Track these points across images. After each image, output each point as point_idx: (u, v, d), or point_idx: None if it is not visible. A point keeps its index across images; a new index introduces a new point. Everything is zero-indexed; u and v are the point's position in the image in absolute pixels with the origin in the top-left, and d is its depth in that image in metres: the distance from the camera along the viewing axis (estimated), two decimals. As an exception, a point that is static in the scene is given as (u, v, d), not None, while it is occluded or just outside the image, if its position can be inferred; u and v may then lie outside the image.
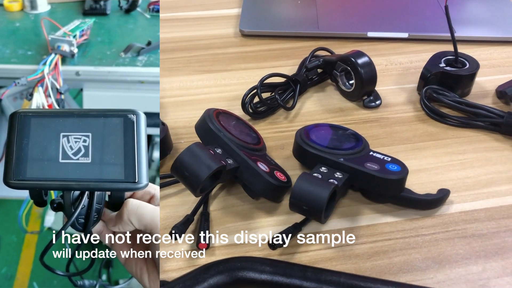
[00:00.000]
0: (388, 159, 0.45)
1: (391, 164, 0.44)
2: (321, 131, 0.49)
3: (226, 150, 0.44)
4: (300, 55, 0.65)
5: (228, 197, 0.47)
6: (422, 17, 0.73)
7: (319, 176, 0.43)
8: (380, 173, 0.43)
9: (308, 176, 0.42)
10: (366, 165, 0.43)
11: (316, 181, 0.41)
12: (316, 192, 0.40)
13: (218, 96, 0.60)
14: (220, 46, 0.69)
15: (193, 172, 0.40)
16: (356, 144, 0.47)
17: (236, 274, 0.37)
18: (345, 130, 0.50)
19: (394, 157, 0.45)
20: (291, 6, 0.76)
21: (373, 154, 0.46)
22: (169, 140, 0.50)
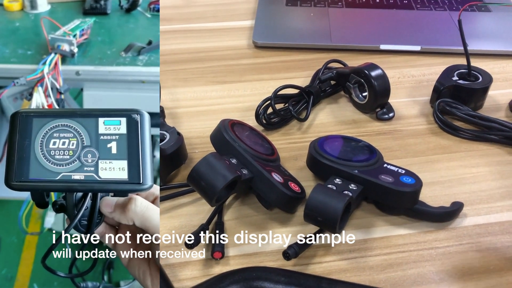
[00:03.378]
0: (402, 171, 0.45)
1: (405, 177, 0.44)
2: (335, 142, 0.49)
3: (241, 161, 0.45)
4: (313, 67, 0.65)
5: (242, 207, 0.47)
6: (434, 30, 0.73)
7: (333, 188, 0.43)
8: (395, 185, 0.43)
9: (323, 188, 0.42)
10: (381, 177, 0.44)
11: (331, 193, 0.42)
12: (331, 203, 0.40)
13: (232, 107, 0.61)
14: (233, 57, 0.70)
15: (210, 182, 0.40)
16: (370, 156, 0.47)
17: (251, 284, 0.37)
18: (359, 142, 0.50)
19: (408, 170, 0.45)
20: (304, 18, 0.77)
21: (387, 167, 0.46)
22: (184, 149, 0.51)
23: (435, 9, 0.79)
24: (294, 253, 0.41)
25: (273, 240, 0.44)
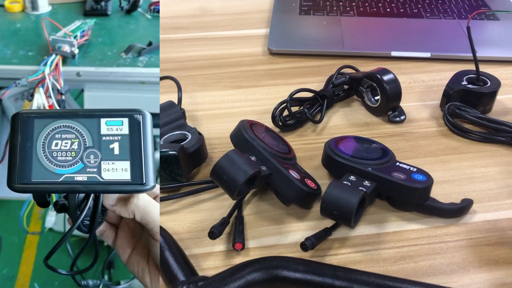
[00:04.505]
0: (414, 169, 0.47)
1: (417, 174, 0.46)
2: (349, 142, 0.52)
3: (259, 158, 0.47)
4: (326, 72, 0.68)
5: (260, 203, 0.50)
6: (443, 38, 0.76)
7: (348, 184, 0.45)
8: (407, 182, 0.45)
9: (338, 183, 0.44)
10: (393, 175, 0.46)
11: (346, 188, 0.44)
12: (346, 197, 0.43)
13: (249, 110, 0.63)
14: (249, 63, 0.73)
15: (232, 176, 0.43)
16: (383, 155, 0.49)
17: (272, 272, 0.39)
18: (372, 142, 0.52)
19: (419, 168, 0.47)
20: (317, 26, 0.80)
21: (399, 165, 0.48)
22: (205, 149, 0.53)
23: (444, 18, 0.81)
24: (311, 245, 0.43)
25: (290, 234, 0.46)
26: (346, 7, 0.85)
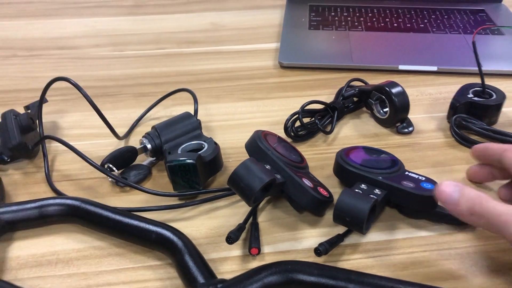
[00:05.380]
0: (423, 178, 0.49)
1: (425, 183, 0.48)
2: (359, 152, 0.54)
3: (274, 167, 0.49)
4: (335, 85, 0.70)
5: (274, 210, 0.52)
6: (450, 52, 0.78)
7: (360, 192, 0.47)
8: (416, 190, 0.47)
9: (350, 191, 0.46)
10: (403, 183, 0.48)
11: (358, 195, 0.46)
12: (358, 205, 0.44)
13: (261, 121, 0.65)
14: (261, 76, 0.75)
15: (248, 184, 0.45)
16: (392, 165, 0.51)
17: (287, 275, 0.41)
18: (381, 152, 0.54)
19: (428, 177, 0.49)
20: (326, 40, 0.82)
21: (408, 174, 0.50)
22: (221, 158, 0.55)
23: (450, 32, 0.83)
24: (325, 250, 0.45)
25: (304, 240, 0.48)
26: (355, 22, 0.88)
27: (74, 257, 0.47)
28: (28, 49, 0.85)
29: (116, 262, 0.46)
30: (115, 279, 0.45)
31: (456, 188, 0.40)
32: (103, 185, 0.55)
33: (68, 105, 0.69)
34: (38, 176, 0.57)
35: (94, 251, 0.47)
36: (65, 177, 0.56)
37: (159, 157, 0.58)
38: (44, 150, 0.58)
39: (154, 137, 0.56)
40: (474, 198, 0.39)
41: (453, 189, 0.40)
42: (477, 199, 0.39)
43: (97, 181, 0.56)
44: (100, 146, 0.61)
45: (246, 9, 0.98)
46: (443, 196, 0.41)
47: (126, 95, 0.71)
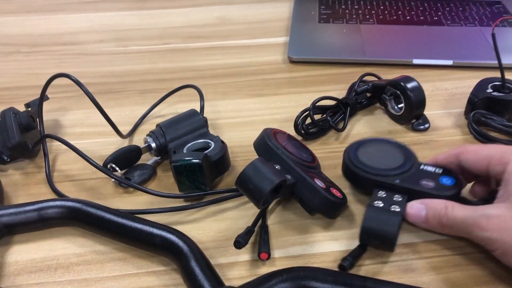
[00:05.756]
0: (440, 171, 0.46)
1: (445, 178, 0.45)
2: (368, 148, 0.50)
3: (284, 167, 0.47)
4: (347, 80, 0.67)
5: (284, 212, 0.49)
6: (465, 45, 0.75)
7: (380, 205, 0.43)
8: (437, 190, 0.44)
9: (374, 211, 0.43)
10: (422, 183, 0.45)
11: (383, 215, 0.42)
12: (386, 228, 0.42)
13: (270, 118, 0.63)
14: (269, 72, 0.73)
15: (257, 185, 0.42)
16: (405, 159, 0.48)
17: (300, 282, 0.39)
18: (391, 143, 0.51)
19: (444, 168, 0.46)
20: (337, 34, 0.80)
21: (424, 168, 0.47)
22: (228, 157, 0.53)
23: (466, 25, 0.80)
24: (350, 265, 0.42)
25: (316, 244, 0.46)
26: (366, 15, 0.85)
27: (75, 262, 0.45)
28: (31, 45, 0.83)
29: (119, 268, 0.44)
30: (117, 285, 0.42)
31: (422, 206, 0.43)
32: (106, 185, 0.53)
33: (70, 102, 0.67)
34: (38, 177, 0.54)
35: (95, 256, 0.45)
36: (66, 178, 0.54)
37: (164, 156, 0.55)
38: (45, 149, 0.56)
39: (158, 136, 0.53)
40: (440, 210, 0.41)
41: (419, 208, 0.43)
42: (442, 211, 0.41)
43: (99, 181, 0.53)
44: (103, 145, 0.59)
45: (253, 2, 0.95)
46: (412, 218, 0.43)
47: (130, 92, 0.69)
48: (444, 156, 0.47)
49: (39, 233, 0.47)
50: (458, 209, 0.41)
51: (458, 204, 0.41)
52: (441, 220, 0.41)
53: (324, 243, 0.46)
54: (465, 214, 0.40)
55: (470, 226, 0.39)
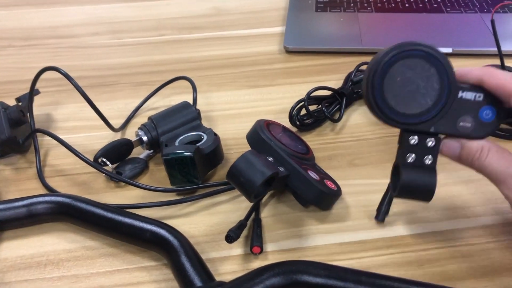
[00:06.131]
0: (480, 97, 0.38)
1: (485, 109, 0.38)
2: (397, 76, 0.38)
3: (277, 159, 0.46)
4: (344, 70, 0.66)
5: (278, 205, 0.48)
6: (465, 32, 0.73)
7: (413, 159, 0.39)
8: (475, 132, 0.38)
9: (409, 170, 0.38)
10: (459, 125, 0.38)
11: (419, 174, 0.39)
12: (423, 187, 0.38)
13: (265, 110, 0.62)
14: (265, 62, 0.71)
15: (249, 178, 0.41)
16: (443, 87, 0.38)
17: (292, 276, 0.38)
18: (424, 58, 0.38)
19: (485, 92, 0.38)
20: (334, 23, 0.78)
21: (463, 96, 0.38)
22: (221, 150, 0.52)
23: (466, 12, 0.79)
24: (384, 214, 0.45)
25: (310, 237, 0.45)
26: (364, 3, 0.83)
27: (65, 258, 0.44)
28: (25, 38, 0.82)
29: (109, 263, 0.43)
30: (107, 281, 0.42)
31: (457, 144, 0.39)
32: (98, 180, 0.52)
33: (62, 96, 0.66)
34: (29, 172, 0.54)
35: (86, 252, 0.44)
36: (58, 173, 0.54)
37: (156, 150, 0.54)
38: (35, 144, 0.55)
39: (150, 129, 0.52)
40: (475, 153, 0.39)
41: (454, 147, 0.39)
42: (476, 154, 0.39)
43: (91, 176, 0.53)
44: (96, 139, 0.58)
45: (250, -8, 0.94)
46: (445, 154, 0.40)
47: (124, 85, 0.68)
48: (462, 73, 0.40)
49: (29, 229, 0.47)
50: (492, 158, 0.38)
51: (496, 149, 0.38)
52: (473, 163, 0.39)
53: (318, 236, 0.45)
54: (496, 168, 0.38)
55: (497, 180, 0.38)
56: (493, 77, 0.37)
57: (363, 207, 0.47)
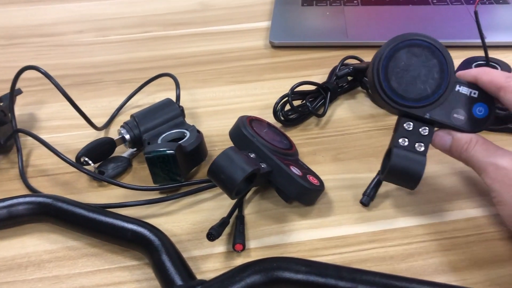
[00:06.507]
0: (475, 94, 0.41)
1: (479, 106, 0.41)
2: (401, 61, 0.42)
3: (259, 155, 0.46)
4: (330, 64, 0.66)
5: (261, 201, 0.48)
6: (451, 24, 0.73)
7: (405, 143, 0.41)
8: (467, 125, 0.41)
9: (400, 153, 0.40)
10: (453, 116, 0.41)
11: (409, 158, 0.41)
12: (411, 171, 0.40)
13: (250, 105, 0.61)
14: (251, 57, 0.71)
15: (229, 175, 0.41)
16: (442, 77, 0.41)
17: (272, 273, 0.38)
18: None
19: (480, 90, 0.41)
20: (320, 17, 0.78)
21: (459, 90, 0.41)
22: (204, 147, 0.52)
23: (452, 3, 0.78)
24: (369, 200, 0.45)
25: (293, 233, 0.45)
26: (350, -4, 0.83)
27: (46, 259, 0.44)
28: (8, 37, 0.81)
29: (91, 264, 0.43)
30: (89, 282, 0.41)
31: (448, 137, 0.42)
32: (81, 179, 0.52)
33: (46, 95, 0.65)
34: (12, 173, 0.53)
35: (67, 252, 0.44)
36: (40, 173, 0.53)
37: (139, 148, 0.54)
38: (17, 144, 0.55)
39: (132, 127, 0.52)
40: (463, 145, 0.41)
41: (445, 139, 0.42)
42: (464, 146, 0.41)
43: (74, 175, 0.52)
44: (79, 138, 0.57)
45: (236, -13, 0.93)
46: (436, 146, 0.42)
47: (108, 83, 0.68)
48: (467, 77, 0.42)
49: (10, 231, 0.46)
50: (479, 148, 0.40)
51: (482, 141, 0.40)
52: (461, 155, 0.41)
53: (301, 232, 0.45)
54: (479, 157, 0.40)
55: (479, 170, 0.40)
56: (486, 74, 0.41)
57: (346, 202, 0.47)
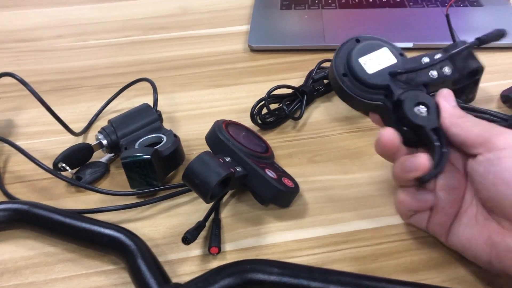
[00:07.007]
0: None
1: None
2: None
3: (234, 158, 0.46)
4: (308, 67, 0.66)
5: (238, 204, 0.49)
6: (427, 27, 0.74)
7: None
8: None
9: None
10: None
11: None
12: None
13: (228, 109, 0.62)
14: (229, 61, 0.72)
15: (203, 179, 0.41)
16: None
17: (246, 275, 0.38)
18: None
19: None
20: (298, 20, 0.79)
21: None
22: (181, 151, 0.52)
23: (428, 6, 0.80)
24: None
25: (269, 235, 0.45)
26: (328, -1, 0.84)
27: (23, 265, 0.44)
28: (-14, 43, 0.81)
29: (68, 269, 0.43)
30: (65, 287, 0.42)
31: None
32: (58, 185, 0.52)
33: (24, 101, 0.65)
34: (-12, 179, 0.53)
35: (44, 258, 0.44)
36: (18, 179, 0.53)
37: (117, 153, 0.55)
38: (-6, 151, 0.55)
39: (109, 132, 0.52)
40: None
41: None
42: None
43: (51, 181, 0.52)
44: (58, 144, 0.58)
45: (216, -9, 0.94)
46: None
47: (87, 88, 0.68)
48: None
49: (-14, 238, 0.46)
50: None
51: None
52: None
53: (276, 234, 0.45)
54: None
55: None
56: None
57: (321, 203, 0.48)
